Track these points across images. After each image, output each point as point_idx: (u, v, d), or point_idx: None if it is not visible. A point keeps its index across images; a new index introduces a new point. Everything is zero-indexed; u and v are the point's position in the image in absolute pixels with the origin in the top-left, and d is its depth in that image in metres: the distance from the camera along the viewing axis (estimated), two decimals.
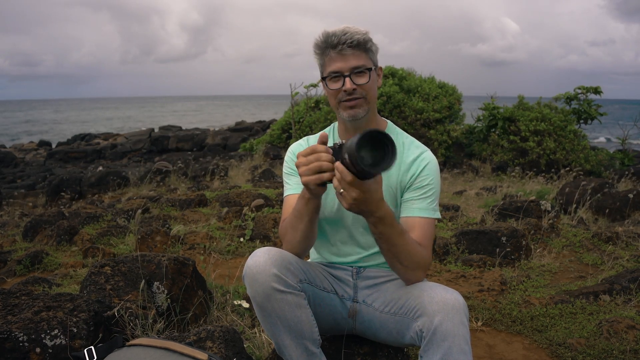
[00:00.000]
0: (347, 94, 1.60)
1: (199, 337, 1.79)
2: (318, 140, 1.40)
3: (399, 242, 1.47)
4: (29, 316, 1.76)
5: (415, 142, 1.77)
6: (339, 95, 1.62)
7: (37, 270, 3.63)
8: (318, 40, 1.61)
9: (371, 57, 1.63)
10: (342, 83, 1.60)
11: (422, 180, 1.67)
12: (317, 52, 1.64)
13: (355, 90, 1.60)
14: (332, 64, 1.60)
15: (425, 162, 1.69)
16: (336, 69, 1.59)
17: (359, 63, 1.58)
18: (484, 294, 3.07)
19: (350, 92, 1.59)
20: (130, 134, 27.50)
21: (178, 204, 5.69)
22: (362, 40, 1.57)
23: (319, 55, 1.65)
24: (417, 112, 10.34)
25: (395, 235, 1.45)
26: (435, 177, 1.69)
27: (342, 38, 1.55)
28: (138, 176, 8.71)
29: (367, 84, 1.60)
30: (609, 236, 4.25)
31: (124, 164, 18.91)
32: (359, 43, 1.57)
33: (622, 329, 2.47)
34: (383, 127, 1.77)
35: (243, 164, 10.56)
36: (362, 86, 1.60)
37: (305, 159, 1.36)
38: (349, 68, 1.58)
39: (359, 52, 1.59)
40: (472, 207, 6.45)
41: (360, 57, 1.59)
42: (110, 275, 2.31)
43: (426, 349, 1.40)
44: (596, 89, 11.45)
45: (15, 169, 18.60)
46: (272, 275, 1.47)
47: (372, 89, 1.64)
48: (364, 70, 1.59)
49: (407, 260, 1.52)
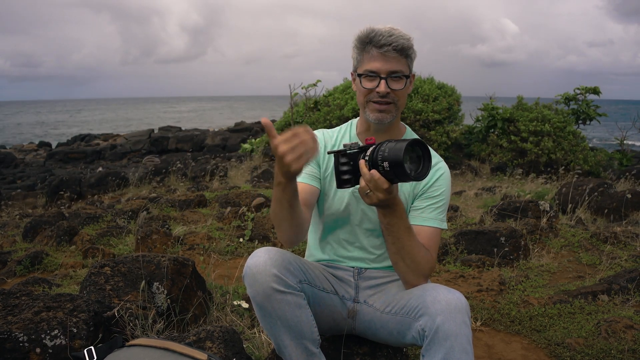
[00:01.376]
0: (379, 96, 1.59)
1: (198, 338, 1.80)
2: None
3: (404, 236, 1.49)
4: (29, 316, 1.77)
5: (431, 151, 1.77)
6: (370, 95, 1.61)
7: (37, 270, 3.64)
8: (362, 34, 1.58)
9: (409, 64, 1.61)
10: (377, 84, 1.58)
11: (435, 190, 1.68)
12: (358, 45, 1.61)
13: (388, 94, 1.59)
14: (371, 62, 1.58)
15: (440, 172, 1.70)
16: (374, 68, 1.57)
17: (398, 68, 1.57)
18: (483, 294, 3.08)
19: (383, 94, 1.58)
20: (129, 134, 27.48)
21: (177, 205, 5.70)
22: (407, 46, 1.56)
23: (359, 49, 1.62)
24: (416, 113, 10.34)
25: (402, 228, 1.48)
26: (447, 189, 1.70)
27: (389, 39, 1.53)
28: (137, 177, 8.72)
29: (401, 90, 1.60)
30: (608, 236, 4.26)
31: (123, 164, 18.91)
32: (403, 48, 1.55)
33: (621, 328, 2.48)
34: (402, 132, 1.78)
35: (242, 164, 10.56)
36: (395, 91, 1.59)
37: (291, 143, 1.29)
38: (387, 71, 1.57)
39: (401, 57, 1.57)
40: (471, 207, 6.46)
41: (400, 62, 1.58)
42: (110, 276, 2.31)
43: (428, 348, 1.41)
44: (595, 89, 11.46)
45: (15, 169, 18.59)
46: (272, 275, 1.47)
47: (404, 96, 1.64)
48: (401, 77, 1.58)
49: (409, 259, 1.53)
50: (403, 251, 1.51)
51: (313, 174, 1.74)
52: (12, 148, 26.70)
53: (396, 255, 1.54)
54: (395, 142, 1.33)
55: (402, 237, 1.49)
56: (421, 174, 1.33)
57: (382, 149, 1.34)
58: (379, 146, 1.37)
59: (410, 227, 1.51)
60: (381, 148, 1.35)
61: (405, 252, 1.51)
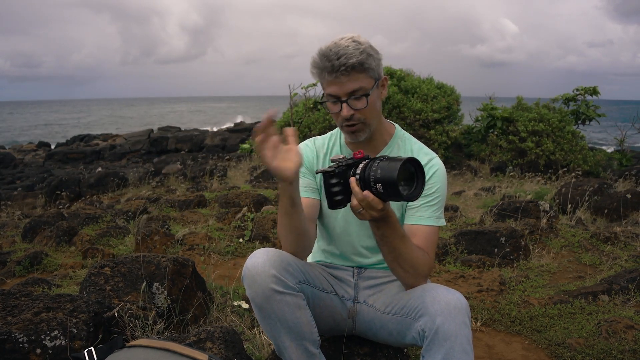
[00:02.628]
0: (345, 119, 1.57)
1: (198, 338, 1.80)
2: (264, 117, 1.31)
3: (399, 245, 1.47)
4: (28, 317, 1.77)
5: (424, 148, 1.75)
6: (339, 119, 1.60)
7: (37, 271, 3.63)
8: (313, 62, 1.54)
9: (371, 75, 1.54)
10: (340, 108, 1.55)
11: (429, 189, 1.65)
12: (314, 72, 1.57)
13: (353, 116, 1.55)
14: (329, 87, 1.54)
15: (434, 169, 1.68)
16: (333, 92, 1.54)
17: (356, 86, 1.51)
18: (483, 294, 3.08)
19: (348, 117, 1.55)
20: (129, 134, 27.47)
21: (177, 205, 5.69)
22: (357, 63, 1.48)
23: (316, 75, 1.57)
24: (415, 113, 10.34)
25: (397, 238, 1.46)
26: (442, 185, 1.68)
27: (336, 64, 1.47)
28: (137, 177, 8.71)
29: (365, 108, 1.55)
30: (608, 236, 4.26)
31: (123, 164, 18.91)
32: (354, 66, 1.48)
33: (621, 328, 2.48)
34: (391, 132, 1.75)
35: (242, 164, 10.56)
36: (360, 111, 1.55)
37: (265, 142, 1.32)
38: (346, 93, 1.52)
39: (356, 74, 1.50)
40: (471, 207, 6.45)
41: (357, 79, 1.51)
42: (110, 276, 2.31)
43: (428, 348, 1.41)
44: (594, 90, 11.46)
45: (14, 170, 18.58)
46: (271, 276, 1.47)
47: (372, 111, 1.58)
48: (361, 96, 1.53)
49: (407, 265, 1.52)
50: (400, 259, 1.51)
51: (311, 186, 1.73)
52: (11, 148, 26.68)
53: (393, 263, 1.53)
54: (388, 161, 1.29)
55: (397, 247, 1.48)
56: (414, 194, 1.32)
57: (374, 169, 1.30)
58: (370, 163, 1.33)
59: (404, 235, 1.49)
60: (372, 167, 1.31)
61: (402, 260, 1.51)
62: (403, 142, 1.74)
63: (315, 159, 1.78)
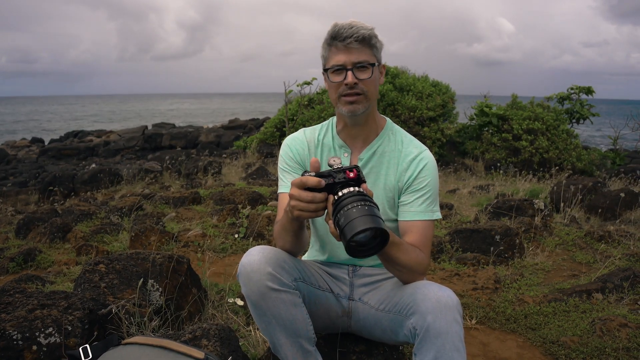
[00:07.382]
0: (348, 88, 1.59)
1: (194, 336, 1.79)
2: (310, 167, 1.36)
3: (395, 253, 1.47)
4: (23, 314, 1.75)
5: (415, 140, 1.75)
6: (340, 89, 1.61)
7: (30, 267, 3.61)
8: (328, 33, 1.61)
9: (375, 53, 1.61)
10: (344, 77, 1.58)
11: (420, 182, 1.65)
12: (326, 44, 1.63)
13: (356, 85, 1.58)
14: (336, 56, 1.59)
15: (424, 162, 1.67)
16: (339, 62, 1.58)
17: (363, 58, 1.58)
18: (478, 292, 3.09)
19: (351, 86, 1.58)
20: (123, 131, 27.33)
21: (172, 202, 5.67)
22: (368, 36, 1.57)
23: (326, 47, 1.63)
24: (410, 110, 10.35)
25: (392, 248, 1.45)
26: (433, 179, 1.67)
27: (349, 31, 1.55)
28: (131, 174, 8.67)
29: (369, 79, 1.59)
30: (601, 235, 4.28)
31: (117, 161, 18.80)
32: (364, 38, 1.56)
33: (615, 327, 2.49)
34: (382, 125, 1.75)
35: (236, 161, 10.53)
36: (363, 81, 1.59)
37: (299, 195, 1.33)
38: (352, 62, 1.57)
39: (364, 47, 1.58)
40: (466, 205, 6.47)
41: (364, 52, 1.58)
42: (105, 273, 2.30)
43: (420, 346, 1.41)
44: (588, 89, 11.52)
45: (7, 166, 18.45)
46: (267, 274, 1.47)
47: (374, 85, 1.63)
48: (367, 66, 1.58)
49: (403, 268, 1.52)
50: (397, 265, 1.51)
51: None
52: (5, 144, 26.49)
53: (390, 268, 1.54)
54: (362, 210, 1.21)
55: (392, 255, 1.47)
56: (360, 254, 1.26)
57: (346, 210, 1.23)
58: (346, 199, 1.26)
59: (399, 243, 1.49)
60: (347, 205, 1.23)
61: (399, 265, 1.51)
62: (394, 134, 1.75)
63: (307, 151, 1.77)
